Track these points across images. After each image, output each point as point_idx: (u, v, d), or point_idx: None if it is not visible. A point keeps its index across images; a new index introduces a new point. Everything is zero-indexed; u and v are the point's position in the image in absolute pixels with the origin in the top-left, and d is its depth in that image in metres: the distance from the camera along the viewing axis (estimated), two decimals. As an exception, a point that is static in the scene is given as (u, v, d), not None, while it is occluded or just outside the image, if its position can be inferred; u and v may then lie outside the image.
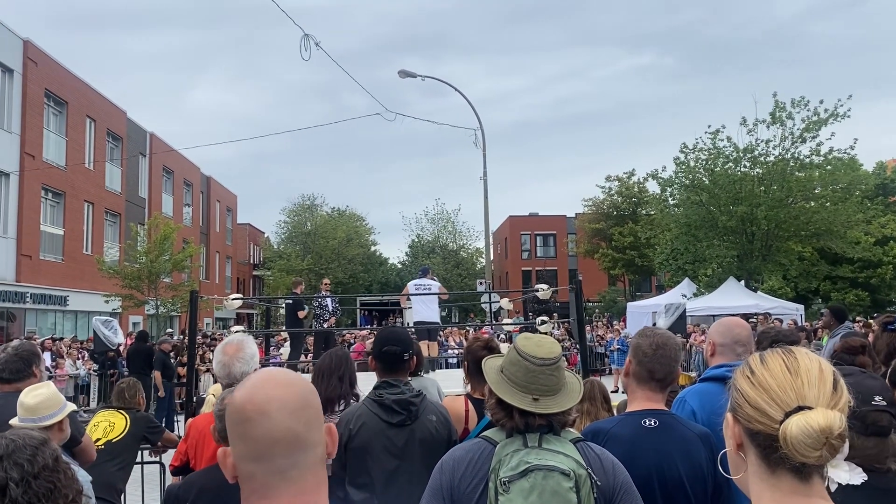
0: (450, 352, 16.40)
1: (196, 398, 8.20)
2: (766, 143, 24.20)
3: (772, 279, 26.20)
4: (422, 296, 9.81)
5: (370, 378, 3.34)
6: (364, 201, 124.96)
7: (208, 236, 42.92)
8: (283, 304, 13.23)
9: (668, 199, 27.26)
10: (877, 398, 1.83)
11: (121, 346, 16.51)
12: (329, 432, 1.25)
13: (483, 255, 40.59)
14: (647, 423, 2.43)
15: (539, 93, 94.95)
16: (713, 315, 17.71)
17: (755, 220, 23.72)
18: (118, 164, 31.33)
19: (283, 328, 15.46)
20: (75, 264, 26.92)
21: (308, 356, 12.52)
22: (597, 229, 43.01)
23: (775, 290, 25.61)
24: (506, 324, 18.14)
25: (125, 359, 15.31)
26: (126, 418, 4.79)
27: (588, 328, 20.99)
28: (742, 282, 23.28)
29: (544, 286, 10.12)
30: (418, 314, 9.82)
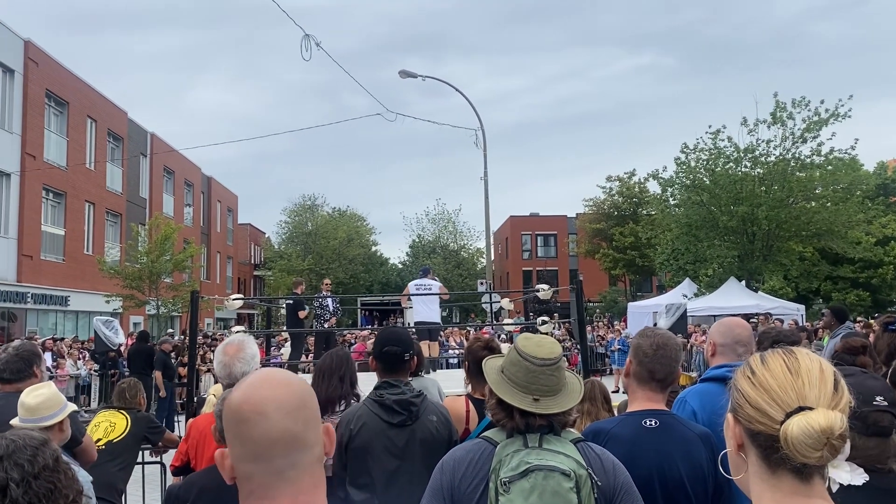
0: (450, 352, 16.40)
1: (197, 398, 8.21)
2: (766, 143, 24.21)
3: (773, 279, 26.18)
4: (422, 296, 9.81)
5: (371, 378, 3.34)
6: (365, 201, 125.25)
7: (209, 236, 42.93)
8: (284, 305, 13.24)
9: (669, 199, 27.26)
10: (878, 398, 1.83)
11: (122, 346, 16.51)
12: (326, 432, 1.25)
13: (484, 256, 40.57)
14: (648, 423, 2.43)
15: (539, 93, 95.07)
16: (714, 315, 17.69)
17: (756, 221, 23.71)
18: (119, 164, 31.35)
19: (284, 328, 15.46)
20: (76, 264, 26.93)
21: (309, 356, 12.51)
22: (597, 229, 42.99)
23: (776, 291, 25.59)
24: (506, 324, 18.14)
25: (126, 359, 15.32)
26: (127, 418, 4.79)
27: (589, 328, 20.97)
28: (743, 282, 23.26)
29: (545, 286, 10.12)
30: (419, 314, 9.82)
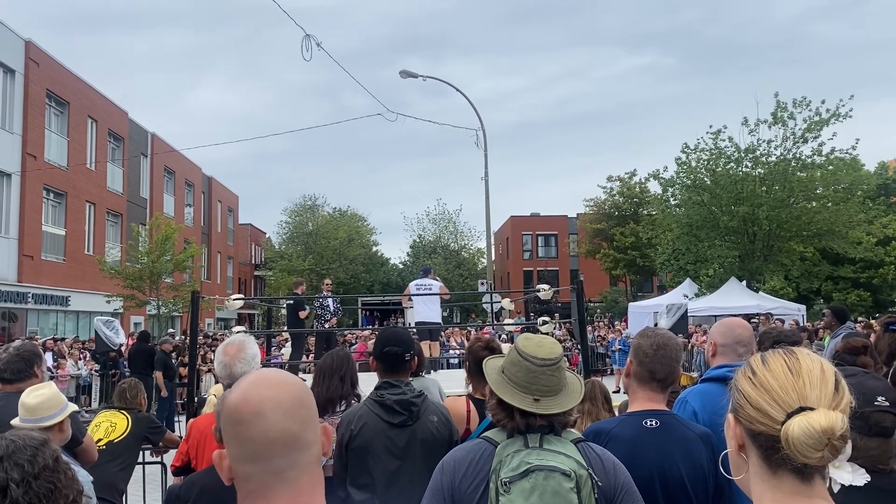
0: (451, 352, 16.40)
1: (197, 398, 8.22)
2: (767, 143, 24.20)
3: (773, 279, 26.18)
4: (423, 296, 9.80)
5: (372, 378, 3.34)
6: (365, 201, 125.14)
7: (210, 236, 42.94)
8: (285, 305, 13.24)
9: (670, 199, 27.25)
10: (880, 399, 1.82)
11: (122, 346, 16.51)
12: (324, 432, 1.25)
13: (484, 256, 40.56)
14: (649, 423, 2.43)
15: (540, 93, 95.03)
16: (715, 315, 17.68)
17: (757, 221, 23.70)
18: (120, 164, 31.36)
19: (285, 328, 15.46)
20: (77, 265, 26.94)
21: (309, 356, 12.52)
22: (598, 229, 42.98)
23: (777, 291, 25.59)
24: (507, 324, 18.12)
25: (126, 359, 15.32)
26: (127, 419, 4.79)
27: (589, 328, 20.98)
28: (744, 282, 23.25)
29: (545, 286, 10.11)
30: (420, 314, 9.82)
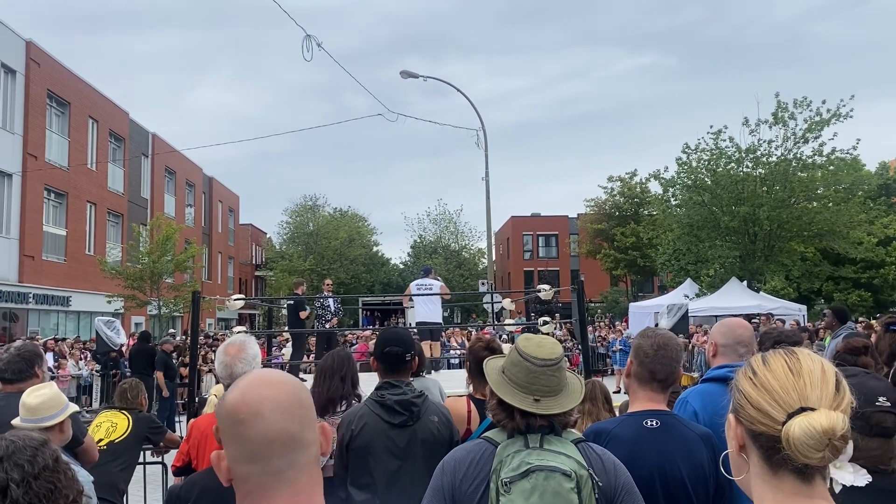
0: (451, 352, 16.40)
1: (198, 399, 8.23)
2: (768, 143, 24.18)
3: (774, 280, 26.16)
4: (424, 296, 9.80)
5: (372, 378, 3.34)
6: (366, 202, 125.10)
7: (210, 237, 42.95)
8: (285, 305, 13.24)
9: (671, 199, 27.25)
10: (881, 399, 1.82)
11: (123, 346, 16.52)
12: (323, 431, 1.24)
13: (485, 256, 40.56)
14: (649, 423, 2.43)
15: (540, 93, 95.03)
16: (715, 316, 17.67)
17: (757, 221, 23.68)
18: (120, 164, 31.38)
19: (286, 329, 15.46)
20: (78, 265, 26.96)
21: (310, 357, 12.53)
22: (599, 230, 42.97)
23: (778, 291, 25.56)
24: (508, 324, 18.11)
25: (127, 359, 15.33)
26: (128, 419, 4.79)
27: (590, 329, 20.98)
28: (744, 282, 23.23)
29: (546, 287, 10.11)
30: (420, 314, 9.82)
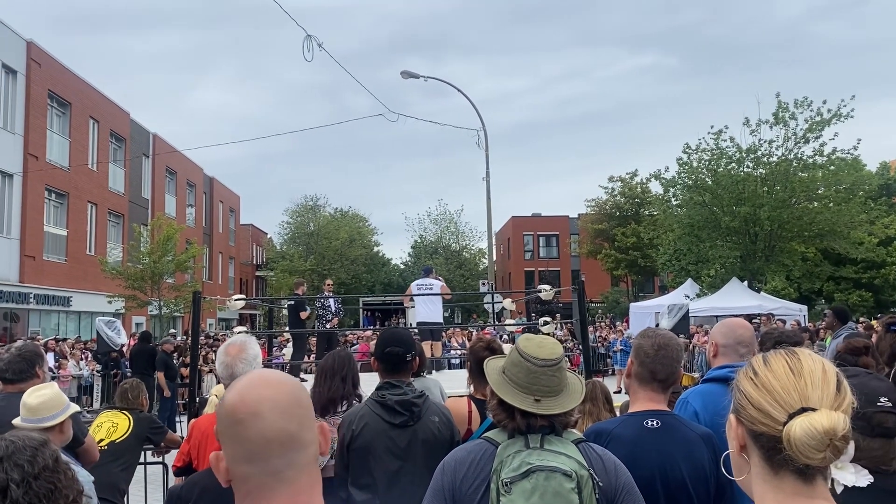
0: (452, 352, 16.39)
1: (199, 399, 8.23)
2: (769, 143, 24.18)
3: (775, 280, 26.15)
4: (424, 296, 9.79)
5: (373, 379, 3.34)
6: (367, 202, 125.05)
7: (211, 237, 42.97)
8: (286, 306, 13.24)
9: (671, 199, 27.24)
10: (882, 399, 1.82)
11: (124, 346, 16.53)
12: (321, 431, 1.24)
13: (486, 256, 40.55)
14: (650, 423, 2.42)
15: (541, 93, 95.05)
16: (716, 316, 17.67)
17: (758, 221, 23.67)
18: (121, 164, 31.39)
19: (286, 329, 15.47)
20: (78, 265, 26.97)
21: (311, 357, 12.53)
22: (600, 230, 42.98)
23: (778, 291, 25.56)
24: (508, 324, 18.11)
25: (128, 360, 15.34)
26: (129, 419, 4.79)
27: (591, 329, 20.97)
28: (745, 282, 23.22)
29: (547, 287, 10.10)
30: (421, 314, 9.80)
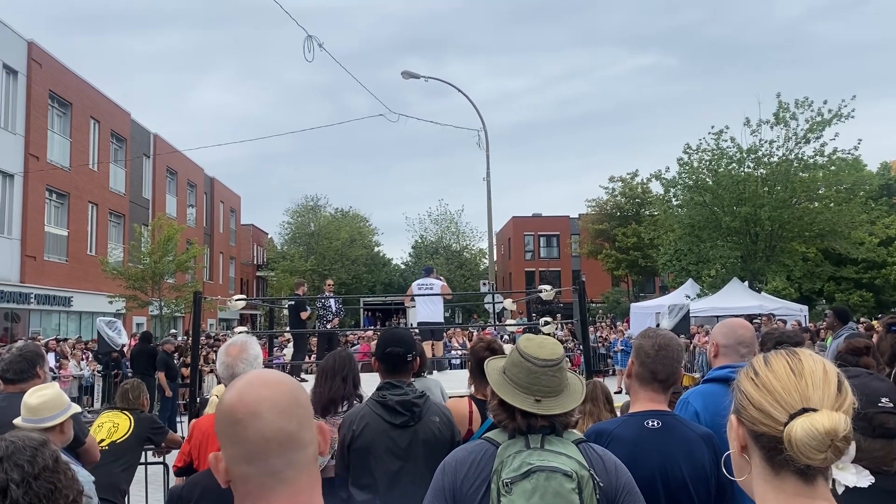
0: (452, 353, 16.37)
1: (199, 399, 8.24)
2: (769, 143, 24.17)
3: (775, 280, 26.13)
4: (425, 296, 9.78)
5: (374, 379, 3.34)
6: (367, 202, 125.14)
7: (212, 237, 42.99)
8: (286, 306, 13.24)
9: (672, 199, 27.23)
10: (883, 400, 1.82)
11: (124, 347, 16.54)
12: (320, 431, 1.24)
13: (486, 256, 40.53)
14: (650, 424, 2.42)
15: (541, 93, 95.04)
16: (717, 316, 17.66)
17: (759, 221, 23.66)
18: (122, 165, 31.40)
19: (287, 329, 15.47)
20: (79, 265, 26.98)
21: (311, 357, 12.53)
22: (600, 230, 42.98)
23: (779, 291, 25.54)
24: (509, 325, 18.11)
25: (129, 360, 15.35)
26: (130, 419, 4.79)
27: (591, 329, 20.97)
28: (746, 283, 23.21)
29: (547, 287, 10.10)
30: (421, 314, 9.80)
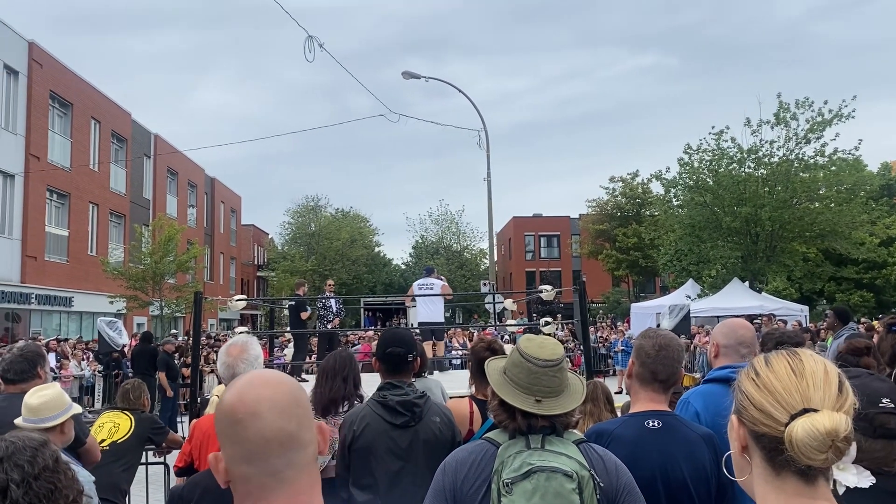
0: (453, 353, 16.37)
1: (200, 399, 8.24)
2: (770, 143, 24.15)
3: (776, 280, 26.14)
4: (426, 296, 9.78)
5: (374, 379, 3.34)
6: (368, 202, 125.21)
7: (212, 237, 42.99)
8: (287, 306, 13.24)
9: (672, 200, 27.22)
10: (884, 400, 1.81)
11: (125, 347, 16.55)
12: (320, 430, 1.24)
13: (487, 256, 40.55)
14: (651, 424, 2.42)
15: (542, 93, 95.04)
16: (717, 316, 17.66)
17: (759, 221, 23.65)
18: (123, 165, 31.41)
19: (288, 329, 15.46)
20: (80, 265, 26.99)
21: (312, 357, 12.53)
22: (601, 230, 42.97)
23: (780, 291, 25.55)
24: (509, 325, 18.11)
25: (129, 360, 15.36)
26: (131, 419, 4.80)
27: (592, 329, 20.96)
28: (746, 283, 23.21)
29: (548, 287, 10.09)
30: (422, 315, 9.80)
